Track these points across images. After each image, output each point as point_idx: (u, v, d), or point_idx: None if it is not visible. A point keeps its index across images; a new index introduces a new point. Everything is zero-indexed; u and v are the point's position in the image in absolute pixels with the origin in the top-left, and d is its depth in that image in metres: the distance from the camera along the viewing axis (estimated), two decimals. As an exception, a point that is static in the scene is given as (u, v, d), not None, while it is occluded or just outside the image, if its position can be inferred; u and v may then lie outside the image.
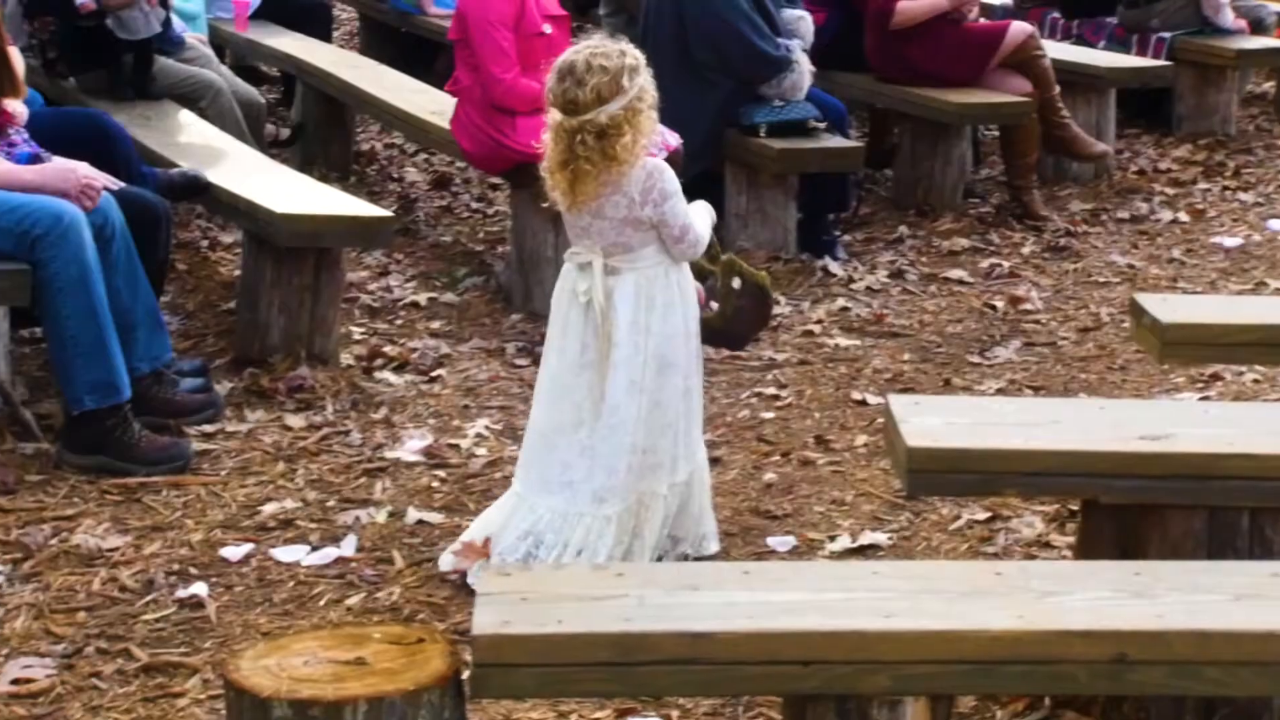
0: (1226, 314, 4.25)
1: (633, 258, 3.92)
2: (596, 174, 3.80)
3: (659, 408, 3.95)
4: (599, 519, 3.94)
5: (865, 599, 2.73)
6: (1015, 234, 7.14)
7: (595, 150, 3.77)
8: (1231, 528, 3.30)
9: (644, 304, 3.92)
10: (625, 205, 3.86)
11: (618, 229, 3.89)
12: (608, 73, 3.77)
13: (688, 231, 3.93)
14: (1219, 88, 8.62)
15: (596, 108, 3.76)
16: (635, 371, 3.91)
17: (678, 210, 3.91)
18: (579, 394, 3.94)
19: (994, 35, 7.40)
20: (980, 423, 3.48)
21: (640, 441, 3.93)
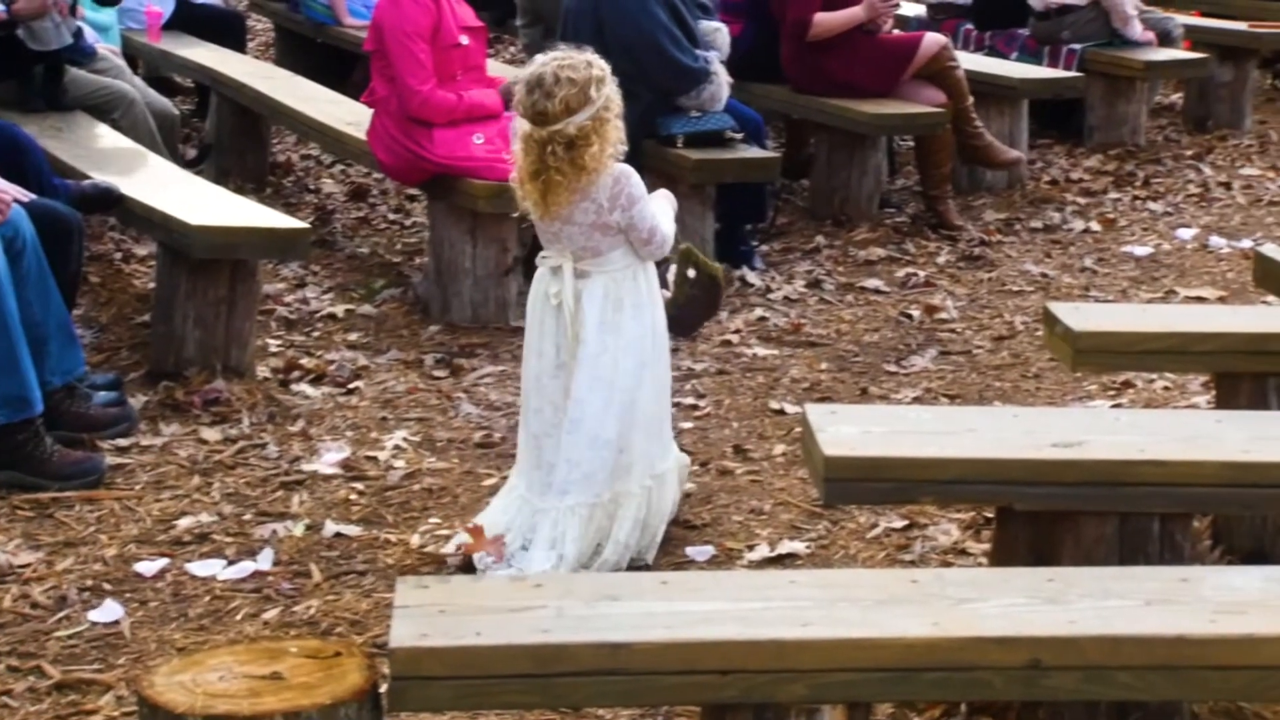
0: (1137, 322, 4.31)
1: (601, 261, 4.05)
2: (568, 183, 3.93)
3: (635, 406, 4.07)
4: (563, 511, 4.04)
5: (782, 608, 2.75)
6: (930, 243, 7.19)
7: (565, 160, 3.89)
8: (1142, 534, 3.35)
9: (612, 305, 4.05)
10: (594, 211, 3.99)
11: (587, 234, 4.02)
12: (575, 84, 3.89)
13: (655, 233, 4.06)
14: (1128, 99, 8.74)
15: (565, 118, 3.88)
16: (602, 369, 4.03)
17: (645, 214, 4.04)
18: (557, 395, 4.08)
19: (908, 47, 7.46)
20: (896, 431, 3.51)
21: (612, 438, 4.04)
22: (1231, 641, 2.69)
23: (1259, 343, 4.08)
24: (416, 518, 4.47)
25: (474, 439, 5.03)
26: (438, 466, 4.81)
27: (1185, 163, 8.52)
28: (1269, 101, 10.02)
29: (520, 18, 7.70)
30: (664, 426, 4.23)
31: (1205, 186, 8.09)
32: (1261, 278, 4.87)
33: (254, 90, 7.74)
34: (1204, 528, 4.12)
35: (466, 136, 5.98)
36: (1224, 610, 2.76)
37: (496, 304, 6.12)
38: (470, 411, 5.25)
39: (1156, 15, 9.20)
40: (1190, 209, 7.73)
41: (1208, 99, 9.31)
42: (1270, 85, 10.41)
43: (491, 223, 6.06)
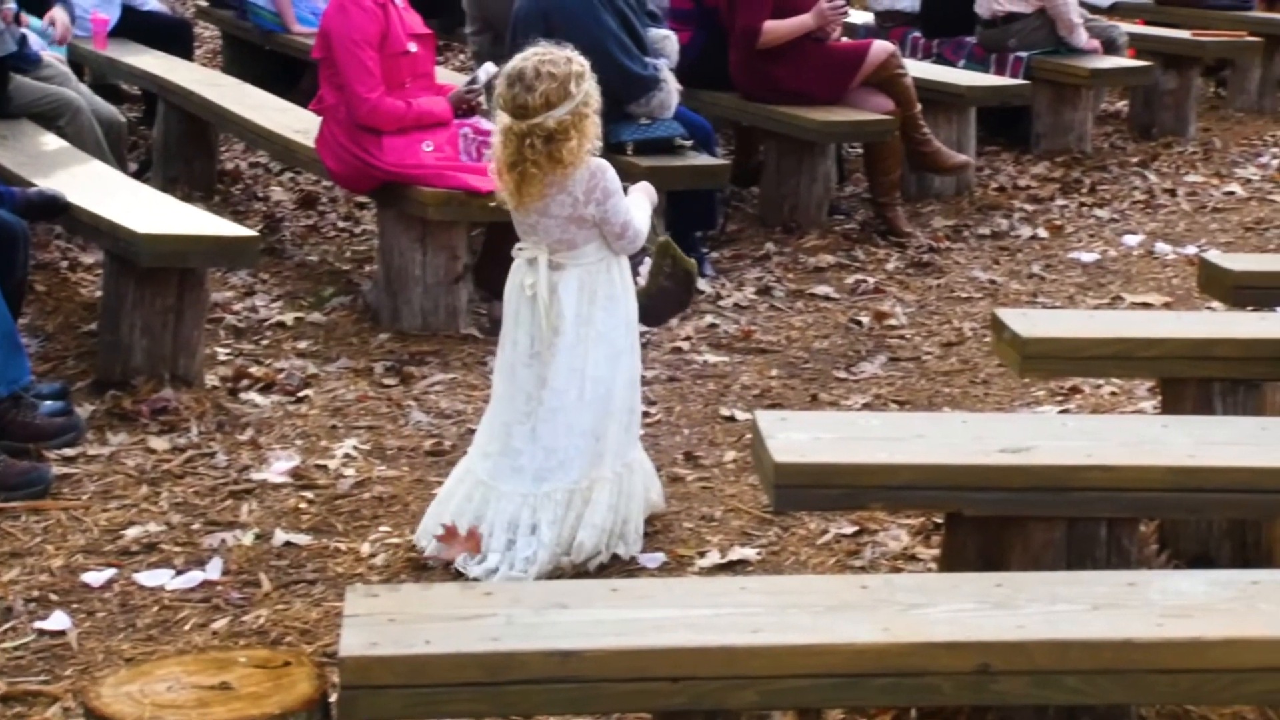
0: (1084, 328, 4.34)
1: (577, 254, 4.13)
2: (543, 176, 4.01)
3: (609, 396, 4.17)
4: (539, 496, 4.13)
5: (733, 615, 2.75)
6: (880, 250, 7.23)
7: (542, 154, 3.98)
8: (1090, 538, 3.38)
9: (587, 297, 4.14)
10: (570, 204, 4.07)
11: (563, 226, 4.10)
12: (556, 79, 3.98)
13: (628, 228, 4.15)
14: (1074, 106, 8.81)
15: (544, 112, 3.96)
16: (577, 359, 4.12)
17: (619, 208, 4.12)
18: (530, 384, 4.16)
19: (857, 54, 7.49)
20: (846, 438, 3.52)
21: (588, 426, 4.14)
22: (1178, 645, 2.72)
23: (1203, 348, 4.11)
24: (367, 526, 4.46)
25: (424, 447, 5.02)
26: (388, 475, 4.80)
27: (1131, 170, 8.59)
28: (1212, 109, 10.12)
29: (469, 25, 7.68)
30: (634, 417, 4.31)
31: (1150, 193, 8.15)
32: (1206, 284, 4.91)
33: (201, 98, 7.70)
34: (1150, 532, 4.16)
35: (416, 144, 5.97)
36: (1170, 614, 2.79)
37: (446, 312, 6.11)
38: (420, 419, 5.24)
39: (1101, 23, 9.27)
40: (1136, 215, 7.79)
41: (1153, 107, 9.39)
42: (1214, 93, 10.51)
43: (441, 230, 6.05)
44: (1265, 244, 7.28)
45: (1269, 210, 7.83)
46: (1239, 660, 2.71)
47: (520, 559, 4.08)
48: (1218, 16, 10.05)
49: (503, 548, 4.11)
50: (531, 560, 4.08)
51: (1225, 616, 2.78)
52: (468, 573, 4.09)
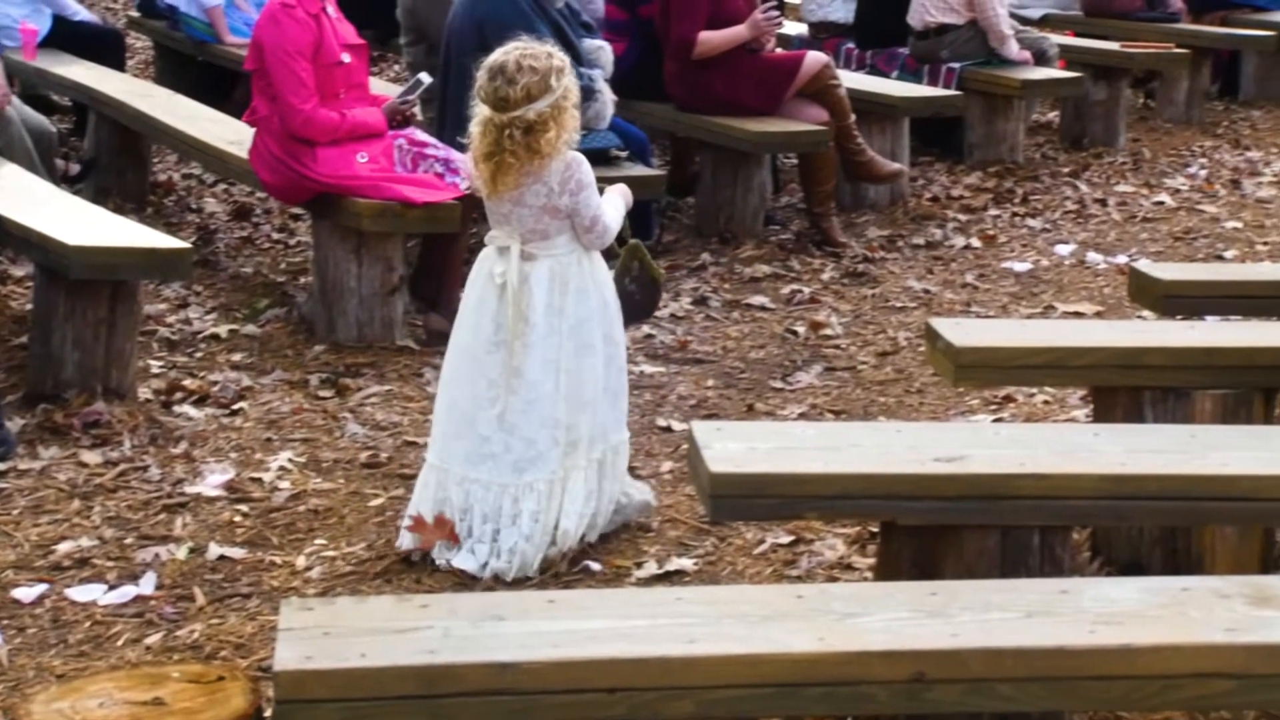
0: (1016, 337, 4.37)
1: (549, 245, 4.22)
2: (519, 166, 4.11)
3: (580, 387, 4.25)
4: (521, 486, 4.22)
5: (669, 625, 2.76)
6: (815, 260, 7.26)
7: (521, 144, 4.08)
8: (1023, 546, 3.40)
9: (558, 288, 4.22)
10: (545, 194, 4.17)
11: (536, 216, 4.19)
12: (537, 73, 4.09)
13: (597, 222, 4.23)
14: (1006, 117, 8.88)
15: (525, 105, 4.07)
16: (551, 351, 4.21)
17: (590, 202, 4.21)
18: (493, 372, 4.21)
19: (791, 65, 7.53)
20: (781, 448, 3.53)
21: (562, 418, 4.22)
22: (1109, 652, 2.74)
23: (1134, 357, 4.16)
24: (302, 539, 4.44)
25: (360, 459, 5.00)
26: (323, 487, 4.78)
27: (1062, 180, 8.67)
28: (1142, 120, 10.22)
29: (403, 36, 7.66)
30: (619, 400, 4.40)
31: (1082, 203, 8.23)
32: (1136, 293, 4.96)
33: (133, 109, 7.65)
34: (1083, 540, 4.19)
35: (350, 155, 5.95)
36: (1102, 621, 2.81)
37: (382, 323, 6.09)
38: (356, 431, 5.22)
39: (1032, 35, 9.35)
40: (1068, 225, 7.86)
41: (1083, 117, 9.49)
42: (1143, 104, 10.62)
43: (376, 242, 6.03)
44: (1194, 253, 7.36)
45: (1198, 220, 7.92)
46: (1169, 666, 2.74)
47: (505, 550, 4.18)
48: (1146, 29, 10.16)
49: (489, 539, 4.20)
50: (515, 551, 4.18)
51: (1155, 623, 2.81)
52: (449, 564, 4.19)
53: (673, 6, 7.35)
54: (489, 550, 4.19)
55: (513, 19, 6.52)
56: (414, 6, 7.39)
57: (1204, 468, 3.44)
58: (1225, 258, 7.25)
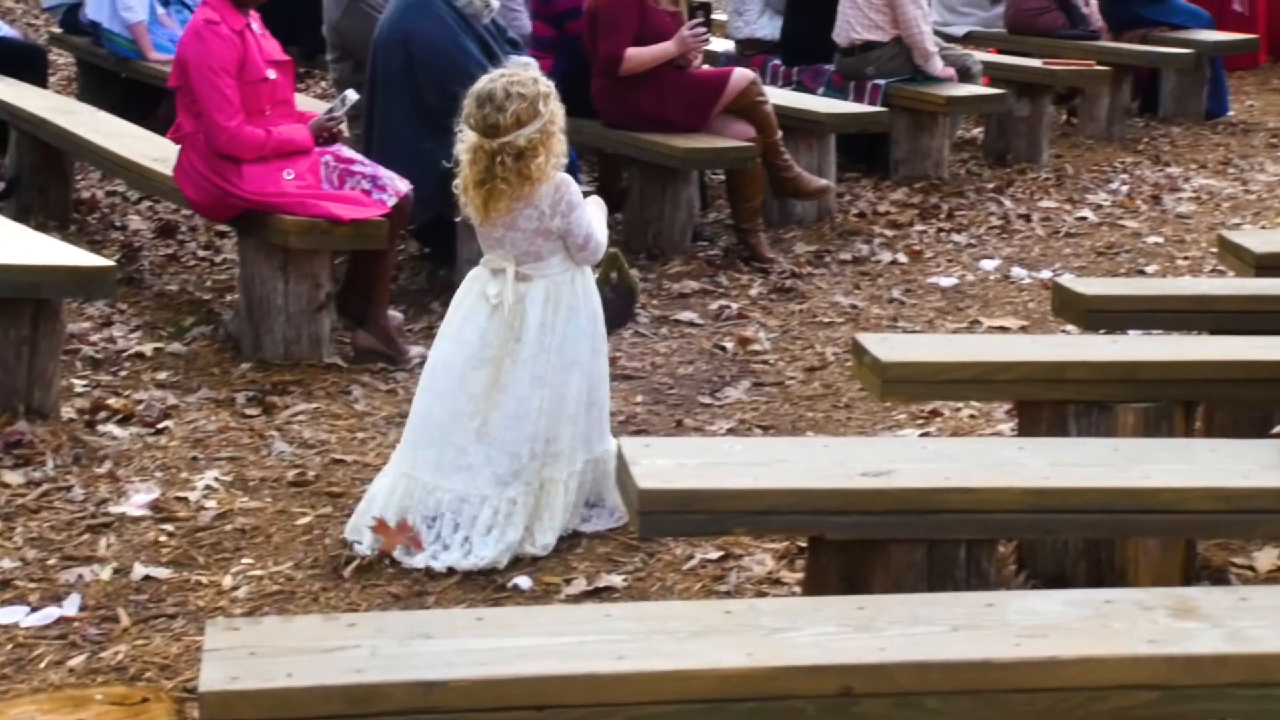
0: (942, 352, 4.40)
1: (542, 265, 4.33)
2: (511, 192, 4.21)
3: (563, 402, 4.35)
4: (505, 501, 4.32)
5: (597, 642, 2.75)
6: (743, 276, 7.28)
7: (513, 170, 4.18)
8: (950, 560, 3.43)
9: (551, 308, 4.33)
10: (536, 217, 4.27)
11: (529, 239, 4.29)
12: (525, 99, 4.19)
13: (590, 239, 4.35)
14: (931, 133, 8.95)
15: (515, 131, 4.17)
16: (540, 368, 4.31)
17: (582, 220, 4.32)
18: (475, 386, 4.30)
19: (718, 82, 7.56)
20: (710, 463, 3.54)
21: (543, 431, 4.33)
22: (1034, 664, 2.76)
23: (1058, 371, 4.20)
24: (229, 558, 4.41)
25: (288, 477, 4.97)
26: (250, 506, 4.75)
27: (987, 195, 8.74)
28: (1064, 136, 10.33)
29: (329, 52, 7.63)
30: (604, 411, 4.52)
31: (1006, 218, 8.30)
32: (1060, 307, 5.01)
33: (55, 125, 7.58)
34: (1009, 553, 4.23)
35: (276, 172, 5.92)
36: (1027, 634, 2.83)
37: (310, 341, 6.05)
38: (284, 450, 5.19)
39: (957, 52, 9.43)
40: (992, 240, 7.92)
41: (1007, 133, 9.58)
42: (1065, 120, 10.73)
43: (304, 259, 6.00)
44: (1116, 268, 7.44)
45: (1119, 235, 8.01)
46: (1092, 679, 2.76)
47: (475, 556, 4.27)
48: (1068, 46, 10.27)
49: (458, 545, 4.28)
50: (483, 560, 4.27)
51: (1080, 636, 2.83)
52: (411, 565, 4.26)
53: (600, 23, 7.37)
54: (460, 555, 4.27)
55: (439, 35, 6.53)
56: (340, 23, 7.37)
57: (1127, 481, 3.47)
58: (1147, 272, 7.33)
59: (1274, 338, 4.49)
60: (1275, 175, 9.32)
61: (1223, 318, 4.87)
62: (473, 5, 6.60)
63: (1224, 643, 2.82)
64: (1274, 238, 6.55)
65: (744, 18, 9.80)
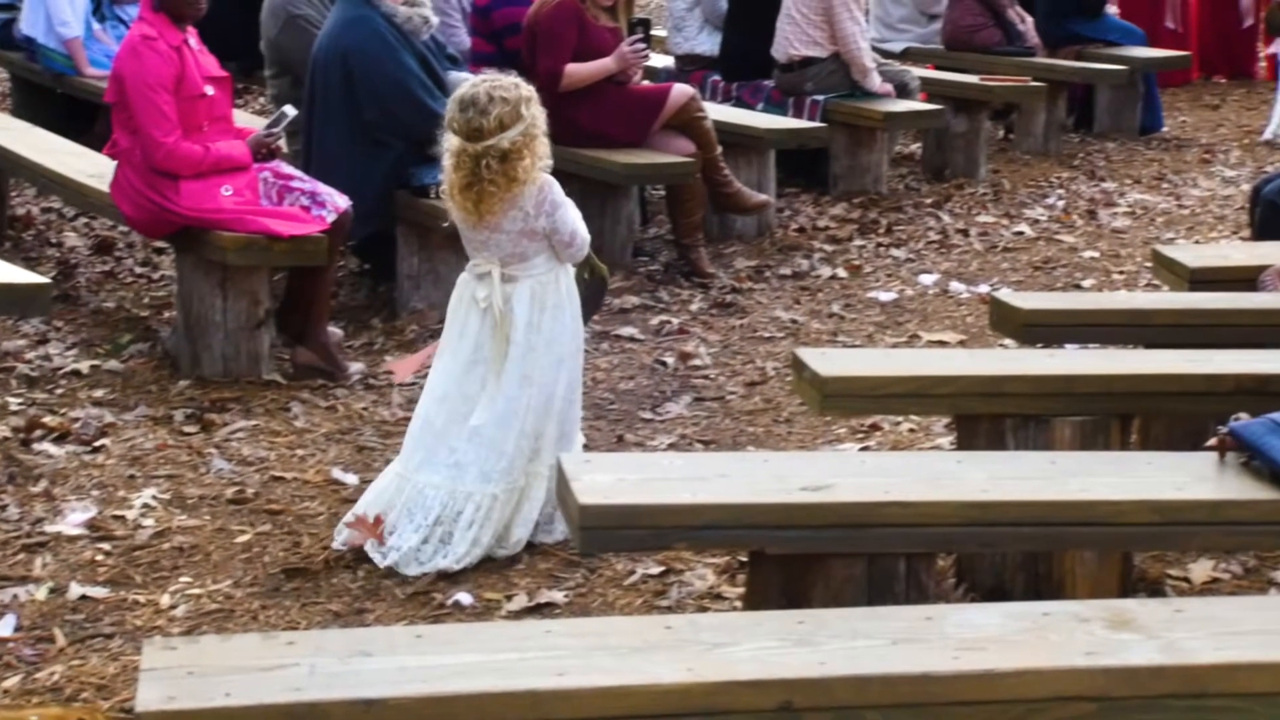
0: (881, 367, 4.43)
1: (528, 266, 4.42)
2: (500, 193, 4.28)
3: (550, 399, 4.45)
4: (486, 496, 4.39)
5: (538, 658, 2.75)
6: (684, 291, 7.30)
7: (499, 173, 4.26)
8: (889, 573, 3.44)
9: (538, 307, 4.42)
10: (522, 219, 4.35)
11: (515, 240, 4.38)
12: (509, 103, 4.27)
13: (576, 236, 4.44)
14: (870, 148, 9.00)
15: (499, 134, 4.24)
16: (529, 367, 4.40)
17: (567, 218, 4.41)
18: (471, 388, 4.42)
19: (657, 98, 7.57)
20: (650, 478, 3.55)
21: (531, 428, 4.42)
22: (973, 677, 2.77)
23: (995, 385, 4.23)
24: (167, 577, 4.38)
25: (226, 495, 4.95)
26: (188, 524, 4.72)
27: (925, 210, 8.79)
28: (1001, 151, 10.41)
29: (267, 68, 7.60)
30: (575, 410, 4.59)
31: (944, 233, 8.35)
32: (997, 322, 5.05)
33: (-11, 141, 7.52)
34: (948, 566, 4.25)
35: (214, 188, 5.88)
36: (966, 647, 2.85)
37: (249, 357, 6.02)
38: (222, 467, 5.16)
39: (894, 68, 9.48)
40: (931, 255, 7.97)
41: (945, 149, 9.64)
42: (1002, 136, 10.81)
43: (242, 275, 5.97)
44: (1053, 282, 7.50)
45: (1056, 250, 8.07)
46: (1030, 691, 2.78)
47: (453, 552, 4.35)
48: (1004, 63, 10.35)
49: (437, 540, 4.36)
50: (461, 557, 4.36)
51: (1018, 648, 2.85)
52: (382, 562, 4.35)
53: (539, 39, 7.38)
54: (434, 551, 4.35)
55: (378, 51, 6.52)
56: (278, 39, 7.34)
57: (1064, 494, 3.50)
58: (1083, 287, 7.39)
59: (1208, 351, 4.54)
60: (1208, 190, 9.42)
61: (1158, 331, 4.92)
62: (412, 22, 6.59)
63: (1159, 654, 2.84)
64: (1207, 252, 6.63)
65: (683, 34, 9.83)
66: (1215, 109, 12.13)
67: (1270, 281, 5.30)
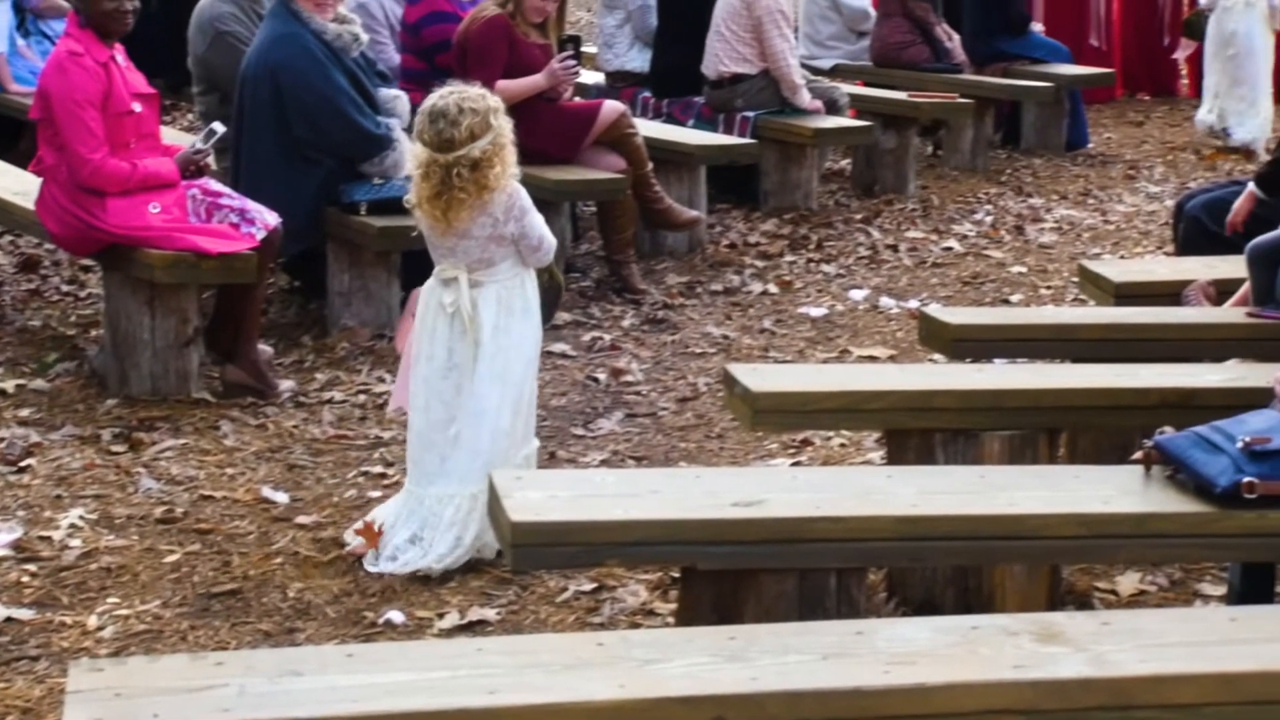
0: (812, 382, 4.45)
1: (494, 271, 4.51)
2: (470, 201, 4.37)
3: (522, 399, 4.56)
4: (466, 498, 4.47)
5: (470, 676, 2.75)
6: (615, 307, 7.30)
7: (470, 181, 4.35)
8: (820, 589, 3.46)
9: (504, 310, 4.52)
10: (490, 225, 4.44)
11: (483, 246, 4.47)
12: (478, 114, 4.37)
13: (543, 241, 4.55)
14: (800, 165, 9.05)
15: (470, 144, 4.33)
16: (497, 367, 4.49)
17: (535, 223, 4.52)
18: (448, 394, 4.51)
19: (588, 114, 7.59)
20: (582, 495, 3.55)
21: (505, 427, 4.51)
22: (904, 691, 2.79)
23: (925, 400, 4.26)
24: (94, 598, 4.33)
25: (155, 514, 4.90)
26: (116, 544, 4.67)
27: (855, 226, 8.84)
28: (930, 167, 10.49)
29: (195, 85, 7.56)
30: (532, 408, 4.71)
31: (874, 249, 8.40)
32: (927, 337, 5.09)
33: (-87, 158, 7.43)
34: (879, 580, 4.27)
35: (142, 205, 5.84)
36: (897, 661, 2.87)
37: (177, 376, 5.98)
38: (151, 487, 5.12)
39: (824, 84, 9.54)
40: (861, 270, 8.02)
41: (874, 165, 9.71)
42: (931, 152, 10.90)
43: (170, 293, 5.93)
44: (981, 298, 7.56)
45: (984, 265, 8.14)
46: (959, 704, 2.80)
47: (434, 554, 4.45)
48: (932, 79, 10.43)
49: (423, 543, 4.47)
50: (443, 557, 4.45)
51: (947, 662, 2.87)
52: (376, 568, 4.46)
53: (470, 56, 7.37)
54: (419, 555, 4.45)
55: (308, 68, 6.50)
56: (205, 55, 7.30)
57: (993, 508, 3.53)
58: (1011, 302, 7.45)
59: (1133, 365, 4.59)
60: (1133, 206, 9.52)
61: (1084, 346, 4.98)
62: (341, 39, 6.57)
63: (1087, 667, 2.87)
64: (1132, 267, 6.71)
65: (614, 50, 9.85)
66: (1140, 125, 12.28)
67: (1194, 296, 5.37)
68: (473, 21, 7.41)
